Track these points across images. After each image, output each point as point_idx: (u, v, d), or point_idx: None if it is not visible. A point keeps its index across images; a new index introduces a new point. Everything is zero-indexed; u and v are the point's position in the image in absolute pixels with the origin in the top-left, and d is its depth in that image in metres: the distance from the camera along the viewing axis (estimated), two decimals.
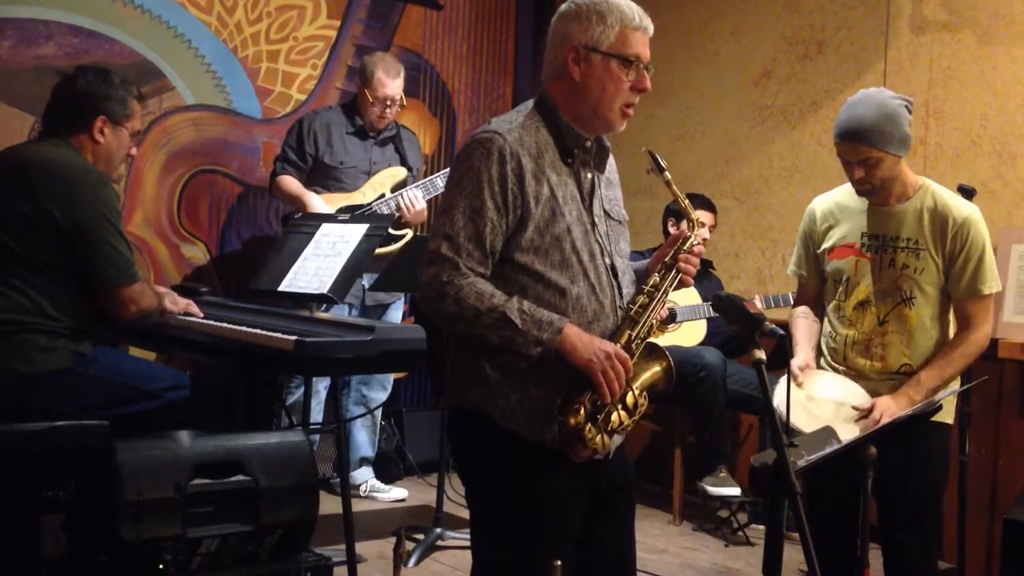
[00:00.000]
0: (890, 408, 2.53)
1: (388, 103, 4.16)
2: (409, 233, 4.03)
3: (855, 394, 2.62)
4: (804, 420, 2.53)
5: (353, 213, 3.98)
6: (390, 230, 4.03)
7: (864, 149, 2.56)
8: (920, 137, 4.13)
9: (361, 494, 4.37)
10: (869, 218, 2.69)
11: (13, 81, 3.84)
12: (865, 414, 2.53)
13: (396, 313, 4.40)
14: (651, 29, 2.03)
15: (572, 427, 1.90)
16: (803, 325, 2.82)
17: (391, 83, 4.14)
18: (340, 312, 3.98)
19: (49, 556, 2.59)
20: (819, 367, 2.76)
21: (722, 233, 4.79)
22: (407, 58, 5.02)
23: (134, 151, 3.08)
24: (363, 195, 4.13)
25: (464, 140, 4.40)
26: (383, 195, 4.13)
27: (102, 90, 2.90)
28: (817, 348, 2.79)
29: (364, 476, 4.44)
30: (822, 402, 2.60)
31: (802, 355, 2.72)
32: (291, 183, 4.10)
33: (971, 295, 2.61)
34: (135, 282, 2.83)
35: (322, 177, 4.14)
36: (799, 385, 2.64)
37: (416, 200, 4.08)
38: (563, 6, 2.05)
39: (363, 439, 4.43)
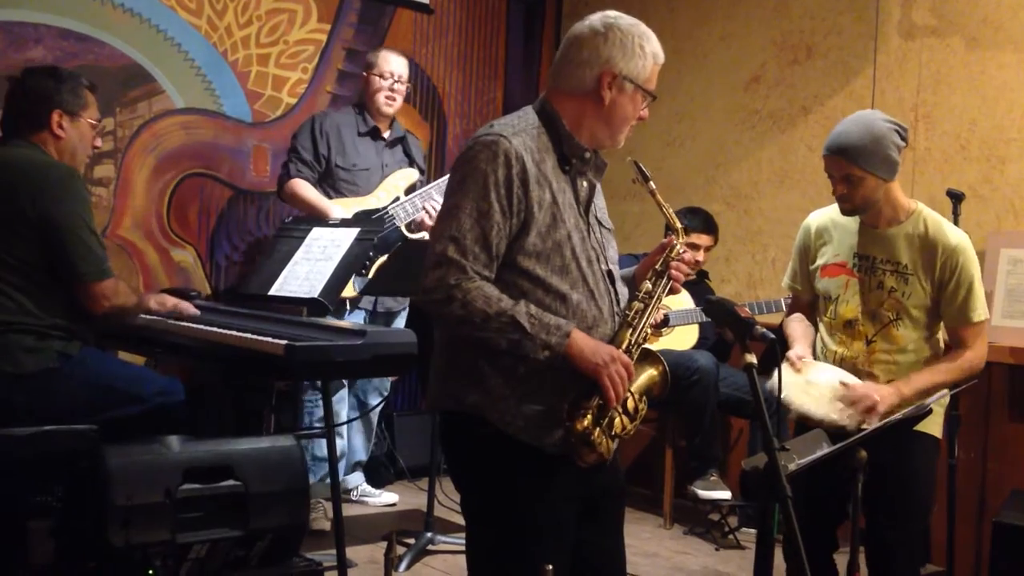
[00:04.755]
0: (880, 392, 2.53)
1: (396, 79, 4.12)
2: (425, 235, 3.99)
3: (851, 378, 2.63)
4: (803, 400, 2.56)
5: (371, 217, 3.92)
6: (406, 233, 3.99)
7: (845, 165, 2.59)
8: (909, 142, 4.13)
9: (352, 498, 4.36)
10: (860, 238, 2.71)
11: (2, 85, 3.82)
12: (856, 400, 2.53)
13: (402, 323, 4.35)
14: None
15: (580, 432, 1.91)
16: (798, 326, 2.84)
17: (395, 59, 4.14)
18: (357, 319, 3.95)
19: (37, 562, 2.57)
20: None
21: None
22: None
23: (99, 142, 3.09)
24: (377, 199, 4.03)
25: (461, 143, 4.40)
26: (398, 198, 4.04)
27: (51, 85, 2.91)
28: (812, 350, 2.80)
29: (355, 481, 4.43)
30: (819, 386, 2.61)
31: (799, 347, 2.74)
32: (308, 189, 3.97)
33: (962, 323, 2.65)
34: (107, 278, 2.82)
35: (333, 180, 4.04)
36: (797, 371, 2.65)
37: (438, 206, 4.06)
38: (599, 22, 2.02)
39: (358, 443, 4.42)
